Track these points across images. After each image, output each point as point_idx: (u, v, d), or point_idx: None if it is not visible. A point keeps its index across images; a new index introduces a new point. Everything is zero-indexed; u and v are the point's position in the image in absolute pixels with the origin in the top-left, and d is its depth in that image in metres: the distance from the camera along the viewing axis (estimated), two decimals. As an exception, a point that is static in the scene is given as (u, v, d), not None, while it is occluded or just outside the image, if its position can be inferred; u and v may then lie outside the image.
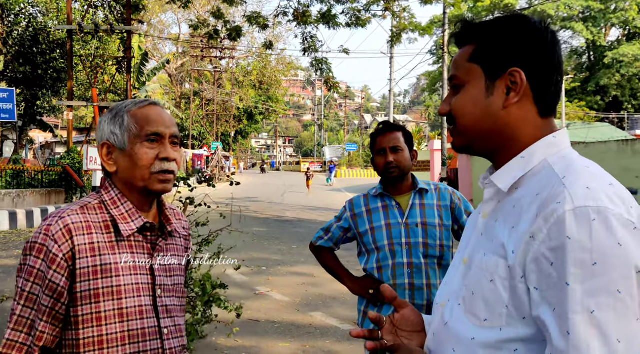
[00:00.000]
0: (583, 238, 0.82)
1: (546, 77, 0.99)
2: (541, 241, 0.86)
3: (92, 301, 1.27)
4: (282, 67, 50.76)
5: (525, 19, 1.01)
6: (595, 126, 21.52)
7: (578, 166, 0.93)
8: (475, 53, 1.02)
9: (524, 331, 0.90)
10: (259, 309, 5.96)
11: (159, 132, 1.35)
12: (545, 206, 0.87)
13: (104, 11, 18.59)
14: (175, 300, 1.43)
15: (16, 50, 18.80)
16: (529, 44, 0.98)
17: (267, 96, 51.95)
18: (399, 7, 16.39)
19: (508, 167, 1.00)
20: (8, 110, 12.14)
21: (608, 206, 0.84)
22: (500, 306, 0.91)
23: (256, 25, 15.16)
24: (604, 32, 36.72)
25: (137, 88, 26.18)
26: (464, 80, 1.03)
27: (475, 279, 0.97)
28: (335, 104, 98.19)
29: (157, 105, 1.42)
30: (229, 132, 47.66)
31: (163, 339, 1.36)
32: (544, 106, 1.00)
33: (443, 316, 1.03)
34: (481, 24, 1.04)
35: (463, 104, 1.02)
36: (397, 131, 2.37)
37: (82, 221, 1.30)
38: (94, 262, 1.28)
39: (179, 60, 44.09)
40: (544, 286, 0.85)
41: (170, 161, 1.36)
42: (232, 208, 11.31)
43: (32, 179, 14.34)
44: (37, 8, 19.69)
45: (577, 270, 0.82)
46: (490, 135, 1.01)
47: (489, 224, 1.01)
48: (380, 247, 2.34)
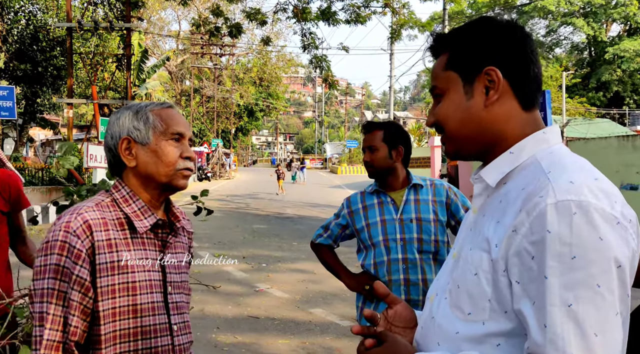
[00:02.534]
0: (563, 232, 0.83)
1: (522, 71, 1.00)
2: (523, 234, 0.87)
3: (110, 297, 1.30)
4: (282, 64, 50.72)
5: (492, 19, 1.04)
6: (595, 121, 21.50)
7: (565, 161, 0.94)
8: (450, 60, 1.04)
9: (506, 325, 0.90)
10: (259, 306, 5.97)
11: (182, 132, 1.42)
12: (529, 199, 0.88)
13: (104, 8, 18.58)
14: (183, 297, 1.47)
15: (16, 48, 18.79)
16: (499, 41, 1.00)
17: (268, 92, 51.93)
18: (398, 4, 16.36)
19: (496, 163, 1.01)
20: (8, 108, 12.12)
21: (590, 201, 0.84)
22: (484, 300, 0.92)
23: (255, 21, 15.14)
24: (605, 28, 36.63)
25: (137, 85, 26.14)
26: (443, 88, 1.05)
27: (461, 273, 0.98)
28: (335, 100, 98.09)
29: (174, 108, 1.48)
30: (230, 129, 47.66)
31: (173, 336, 1.39)
32: (525, 99, 1.01)
33: (431, 310, 1.05)
34: (451, 32, 1.07)
35: (446, 111, 1.04)
36: (378, 130, 2.40)
37: (99, 217, 1.33)
38: (111, 258, 1.31)
39: (179, 58, 44.05)
40: (525, 280, 0.86)
41: (191, 160, 1.43)
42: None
43: (32, 176, 14.36)
44: (36, 5, 19.66)
45: (556, 263, 0.83)
46: (477, 136, 1.02)
47: (477, 219, 1.03)
48: (375, 243, 2.35)
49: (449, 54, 1.04)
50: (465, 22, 1.12)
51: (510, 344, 0.90)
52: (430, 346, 1.02)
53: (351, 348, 4.72)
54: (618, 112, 34.20)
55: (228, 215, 14.87)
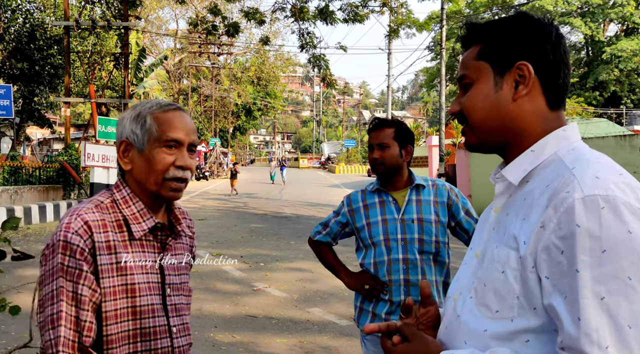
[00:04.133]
0: (592, 226, 0.84)
1: (553, 70, 1.01)
2: (551, 230, 0.88)
3: (111, 299, 1.29)
4: (280, 63, 50.66)
5: (529, 15, 1.04)
6: (593, 121, 21.52)
7: (588, 157, 0.94)
8: (483, 51, 1.04)
9: (535, 321, 0.91)
10: (256, 305, 5.97)
11: (178, 139, 1.35)
12: (555, 195, 0.89)
13: (101, 7, 18.53)
14: (182, 299, 1.46)
15: (13, 47, 18.75)
16: (534, 38, 1.01)
17: (265, 92, 51.90)
18: (396, 3, 16.36)
19: (519, 161, 1.01)
20: (5, 106, 12.09)
21: (617, 195, 0.85)
22: (512, 297, 0.93)
23: (253, 20, 15.12)
24: (602, 28, 36.68)
25: (135, 84, 26.09)
26: (473, 78, 1.05)
27: (487, 271, 0.98)
28: (333, 100, 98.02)
29: (182, 110, 1.41)
30: (227, 128, 47.60)
31: (172, 338, 1.38)
32: (553, 98, 1.02)
33: (455, 309, 1.05)
34: (487, 24, 1.07)
35: (474, 101, 1.04)
36: (388, 127, 2.37)
37: (98, 219, 1.31)
38: (110, 260, 1.30)
39: (177, 57, 43.96)
40: (555, 275, 0.87)
41: (186, 169, 1.36)
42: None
43: (29, 175, 14.31)
44: (33, 4, 19.61)
45: (587, 257, 0.84)
46: (501, 129, 1.02)
47: (501, 218, 1.03)
48: (376, 242, 2.34)
49: (483, 44, 1.04)
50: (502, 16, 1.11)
51: (539, 341, 0.91)
52: (457, 344, 1.02)
53: (349, 347, 4.72)
54: (615, 111, 34.26)
55: (226, 214, 14.86)
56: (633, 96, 35.21)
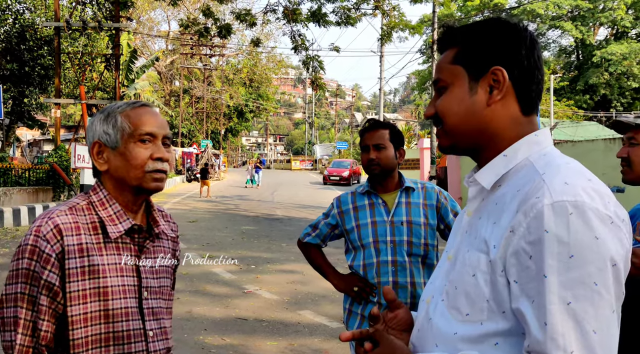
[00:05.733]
0: (560, 232, 0.85)
1: (527, 75, 1.01)
2: (521, 235, 0.88)
3: (80, 302, 1.28)
4: (272, 65, 50.62)
5: (505, 20, 1.04)
6: (582, 124, 21.70)
7: (558, 162, 0.95)
8: (458, 55, 1.05)
9: (503, 325, 0.92)
10: (247, 308, 5.94)
11: (152, 132, 1.37)
12: (526, 201, 0.90)
13: (92, 8, 18.44)
14: (161, 302, 1.44)
15: (3, 47, 18.60)
16: (509, 43, 1.01)
17: (258, 93, 51.82)
18: (388, 6, 16.40)
19: (491, 165, 1.02)
20: (-6, 107, 12.00)
21: (585, 201, 0.86)
22: (482, 301, 0.93)
23: (245, 22, 15.10)
24: (592, 31, 37.01)
25: (126, 85, 25.97)
26: (447, 82, 1.05)
27: (459, 274, 0.99)
28: (326, 102, 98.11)
29: (149, 106, 1.43)
30: (219, 130, 47.47)
31: (148, 342, 1.37)
32: (527, 104, 1.02)
33: (427, 312, 1.05)
34: (462, 28, 1.07)
35: (448, 104, 1.04)
36: (383, 129, 2.37)
37: (71, 221, 1.31)
38: (82, 263, 1.29)
39: (169, 58, 43.82)
40: (524, 279, 0.88)
41: (164, 161, 1.38)
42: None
43: (19, 177, 14.19)
44: (24, 4, 19.47)
45: (555, 262, 0.85)
46: (474, 133, 1.03)
47: (473, 222, 1.04)
48: (365, 244, 2.34)
49: (458, 48, 1.05)
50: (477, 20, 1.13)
51: (508, 343, 0.92)
52: (428, 347, 1.02)
53: (339, 349, 4.71)
54: (605, 115, 34.53)
55: (217, 216, 14.80)
56: (623, 100, 35.53)
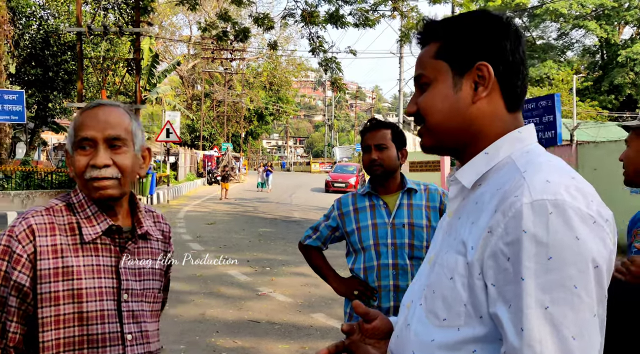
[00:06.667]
0: (539, 232, 0.80)
1: (513, 71, 0.98)
2: (499, 235, 0.84)
3: (52, 304, 1.26)
4: (292, 68, 50.82)
5: (490, 13, 1.00)
6: (606, 125, 21.24)
7: (541, 160, 0.91)
8: (441, 49, 1.00)
9: (481, 330, 0.87)
10: (260, 310, 5.93)
11: (88, 136, 1.31)
12: (505, 199, 0.86)
13: (114, 13, 18.74)
14: (144, 305, 1.40)
15: (28, 53, 19.01)
16: (495, 37, 0.97)
17: (278, 96, 52.04)
18: (407, 7, 16.31)
19: (472, 164, 0.98)
20: (17, 112, 12.25)
21: (566, 199, 0.82)
22: (459, 305, 0.89)
23: (263, 26, 15.17)
24: (617, 30, 36.23)
25: (148, 90, 26.34)
26: (430, 78, 1.01)
27: (437, 277, 0.95)
28: (346, 104, 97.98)
29: (104, 105, 1.36)
30: (240, 133, 47.82)
31: (125, 345, 1.33)
32: (512, 100, 0.99)
33: (406, 317, 1.01)
34: (445, 21, 1.03)
35: (432, 102, 1.00)
36: (385, 129, 2.33)
37: (46, 222, 1.29)
38: (55, 264, 1.27)
39: (190, 62, 44.32)
40: (501, 282, 0.83)
41: (99, 167, 1.30)
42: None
43: (41, 180, 14.47)
44: (48, 11, 19.89)
45: (532, 264, 0.80)
46: (460, 131, 0.99)
47: (453, 223, 1.00)
48: (366, 247, 2.30)
49: (441, 43, 1.00)
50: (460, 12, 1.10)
51: (486, 351, 0.87)
52: None
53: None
54: (631, 115, 33.76)
55: (235, 218, 14.88)
56: (649, 99, 34.68)
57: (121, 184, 1.33)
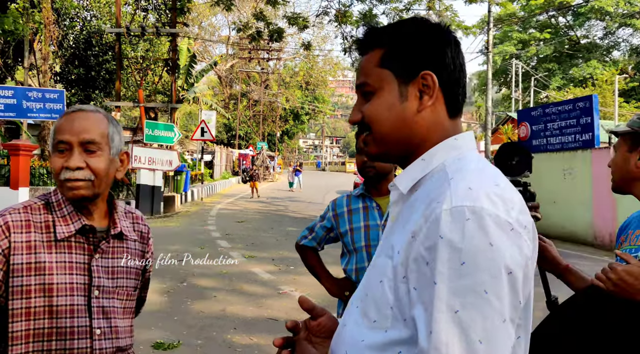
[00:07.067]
0: (455, 237, 0.82)
1: (454, 78, 0.99)
2: (420, 240, 0.86)
3: (23, 297, 1.32)
4: (329, 67, 50.94)
5: (428, 21, 1.01)
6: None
7: (469, 167, 0.92)
8: (385, 57, 1.00)
9: (405, 332, 0.89)
10: (279, 309, 5.98)
11: (63, 140, 1.38)
12: (429, 205, 0.88)
13: (154, 14, 19.25)
14: (115, 302, 1.44)
15: (71, 53, 19.74)
16: (437, 46, 0.98)
17: (314, 96, 52.27)
18: (441, 6, 16.12)
19: (409, 170, 1.00)
20: (58, 110, 12.73)
21: (484, 206, 0.83)
22: (386, 307, 0.91)
23: (296, 26, 15.28)
24: (667, 29, 34.73)
25: (186, 89, 26.89)
26: (375, 86, 1.01)
27: (370, 280, 0.97)
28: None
29: (83, 111, 1.43)
30: (275, 132, 48.27)
31: (93, 339, 1.38)
32: (453, 107, 1.00)
33: (344, 318, 1.03)
34: (388, 28, 1.03)
35: (378, 111, 1.00)
36: None
37: (22, 219, 1.36)
38: (28, 259, 1.33)
39: (229, 62, 45.02)
40: (420, 286, 0.85)
41: (72, 169, 1.37)
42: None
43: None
44: (90, 12, 20.60)
45: (445, 269, 0.82)
46: (405, 141, 1.00)
47: (391, 227, 1.02)
48: (358, 248, 2.30)
49: (385, 50, 1.00)
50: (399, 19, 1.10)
51: (410, 353, 0.88)
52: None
53: None
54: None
55: (266, 217, 15.04)
56: (701, 101, 33.11)
57: (94, 186, 1.40)
